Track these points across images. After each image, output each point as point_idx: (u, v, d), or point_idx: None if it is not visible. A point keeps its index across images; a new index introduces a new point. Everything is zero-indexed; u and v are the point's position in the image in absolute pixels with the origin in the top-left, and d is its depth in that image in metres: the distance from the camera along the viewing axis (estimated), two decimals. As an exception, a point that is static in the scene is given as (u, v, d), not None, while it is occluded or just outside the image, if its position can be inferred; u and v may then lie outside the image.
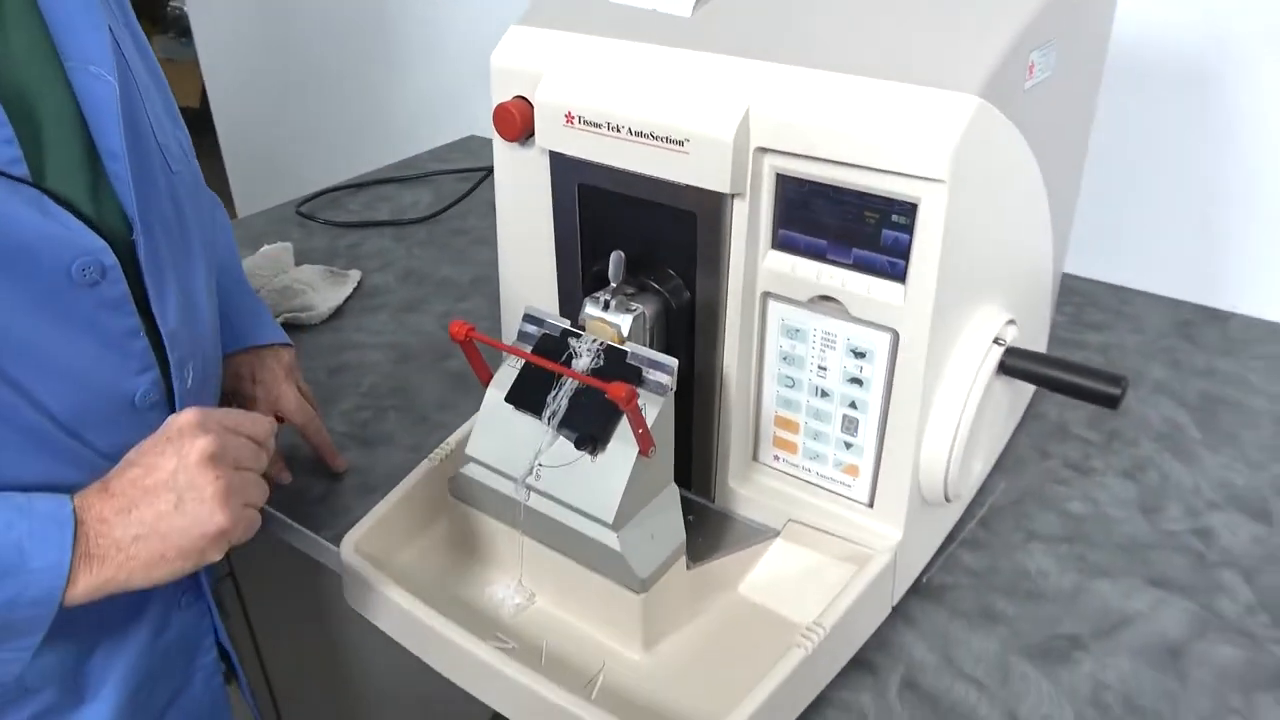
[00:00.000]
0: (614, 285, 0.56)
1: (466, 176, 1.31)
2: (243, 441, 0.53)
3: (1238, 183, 0.91)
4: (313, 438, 0.73)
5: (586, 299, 0.56)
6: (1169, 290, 0.98)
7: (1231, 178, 0.91)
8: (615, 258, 0.55)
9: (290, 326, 0.94)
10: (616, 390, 0.49)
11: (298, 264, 1.03)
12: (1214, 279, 0.96)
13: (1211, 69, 0.89)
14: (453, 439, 0.66)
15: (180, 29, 3.28)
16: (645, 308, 0.56)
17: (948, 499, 0.57)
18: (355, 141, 1.73)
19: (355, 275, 1.02)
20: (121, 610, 0.60)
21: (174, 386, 0.57)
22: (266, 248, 1.02)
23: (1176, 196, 0.95)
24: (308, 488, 0.73)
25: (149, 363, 0.56)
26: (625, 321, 0.55)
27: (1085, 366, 0.55)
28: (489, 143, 1.45)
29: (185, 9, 1.93)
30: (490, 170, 1.23)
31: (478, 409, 0.69)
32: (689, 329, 0.58)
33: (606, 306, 0.56)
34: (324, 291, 0.97)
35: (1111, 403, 0.54)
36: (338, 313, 0.96)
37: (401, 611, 0.56)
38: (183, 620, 0.65)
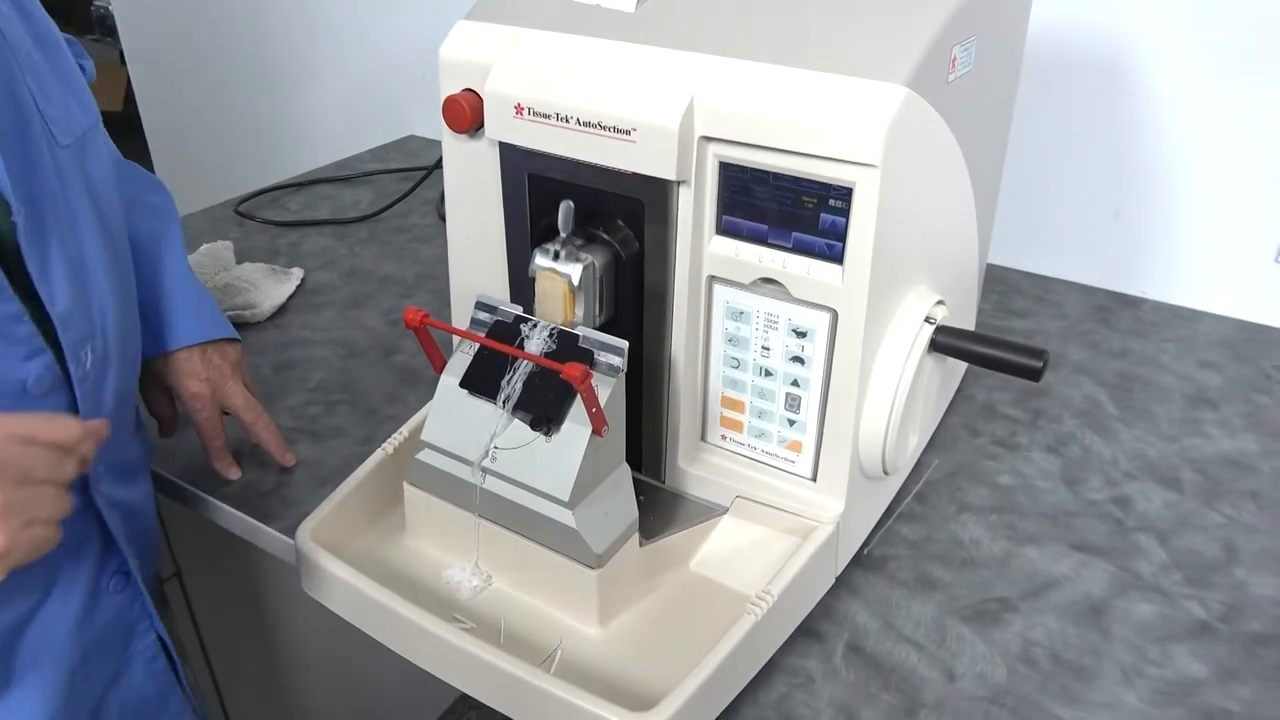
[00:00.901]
0: (563, 236, 0.57)
1: (407, 176, 1.31)
2: (37, 451, 0.48)
3: (1145, 176, 0.97)
4: (261, 434, 0.73)
5: (536, 250, 0.57)
6: (1085, 278, 1.03)
7: (1139, 172, 0.97)
8: (565, 207, 0.56)
9: (234, 324, 0.93)
10: (571, 370, 0.50)
11: (238, 262, 1.02)
12: (1126, 267, 1.01)
13: (1119, 66, 0.94)
14: (406, 428, 0.67)
15: (105, 28, 3.19)
16: (594, 258, 0.57)
17: (886, 472, 0.60)
18: (286, 142, 1.71)
19: (298, 273, 1.01)
20: (40, 596, 0.59)
21: (70, 370, 0.56)
22: (206, 246, 1.01)
23: (1090, 190, 1.00)
24: (258, 481, 0.73)
25: (39, 347, 0.54)
26: (575, 271, 0.56)
27: (1009, 341, 0.59)
28: (428, 143, 1.46)
29: (110, 8, 1.88)
30: (430, 169, 1.24)
31: (427, 401, 0.70)
32: (638, 282, 0.59)
33: (556, 257, 0.57)
34: (267, 289, 0.96)
35: (1034, 375, 0.58)
36: (281, 310, 0.96)
37: (360, 596, 0.57)
38: (114, 604, 0.64)
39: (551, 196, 0.60)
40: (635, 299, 0.60)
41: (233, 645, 0.99)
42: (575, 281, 0.56)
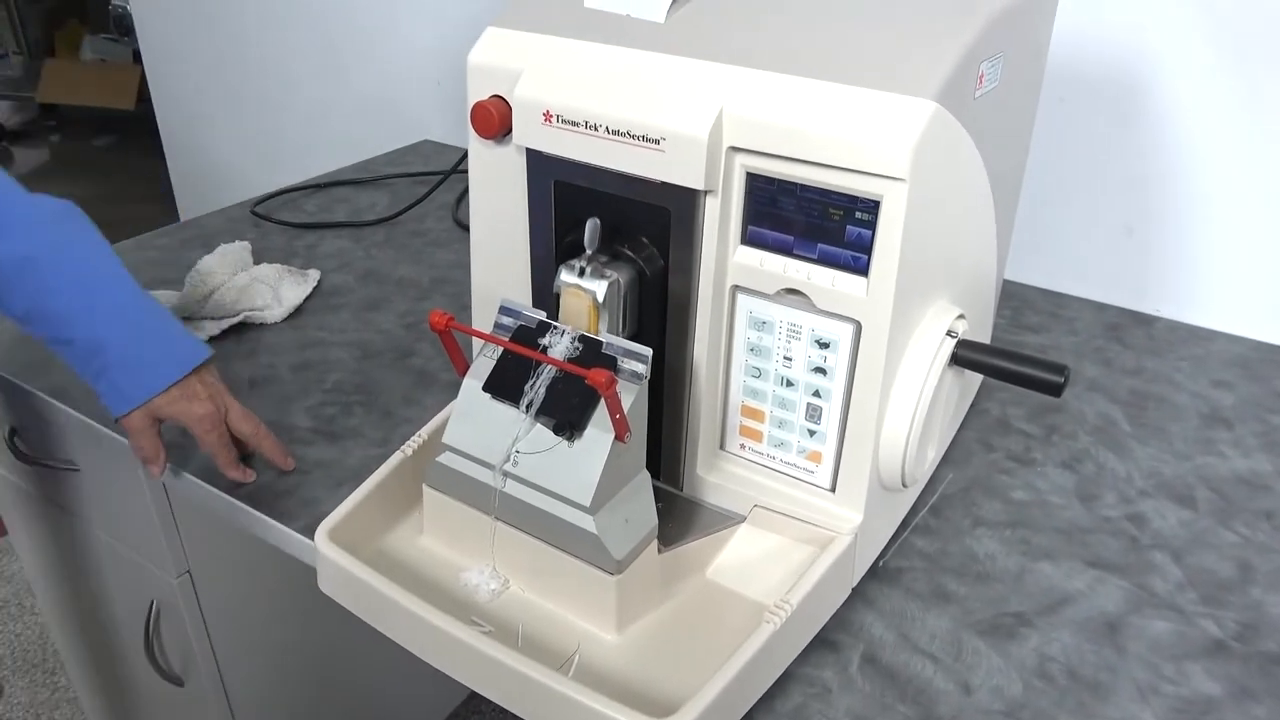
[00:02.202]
0: (589, 253, 0.57)
1: (422, 180, 1.31)
2: None
3: (1158, 194, 0.97)
4: (263, 443, 0.72)
5: (561, 266, 0.58)
6: (1099, 295, 1.04)
7: (1152, 189, 0.98)
8: (591, 224, 0.56)
9: (251, 325, 0.94)
10: (597, 376, 0.51)
11: (255, 263, 1.02)
12: (1139, 285, 1.02)
13: (1133, 85, 0.95)
14: (425, 430, 0.68)
15: (123, 28, 3.20)
16: (619, 275, 0.58)
17: (904, 484, 0.61)
18: (301, 145, 1.72)
19: (315, 274, 1.02)
20: None
21: None
22: (224, 246, 1.01)
23: (1103, 207, 1.01)
24: (274, 482, 0.73)
25: None
26: (600, 287, 0.57)
27: (1031, 356, 0.59)
28: (443, 147, 1.46)
29: (128, 8, 1.89)
30: (446, 174, 1.24)
31: (443, 404, 0.71)
32: (662, 298, 0.60)
33: (582, 273, 0.57)
34: (284, 290, 0.97)
35: (1055, 390, 0.58)
36: (298, 311, 0.97)
37: (379, 597, 0.57)
38: None
39: (577, 203, 0.61)
40: (659, 313, 0.60)
41: (240, 644, 0.99)
42: (600, 298, 0.57)
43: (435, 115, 1.50)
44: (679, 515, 0.64)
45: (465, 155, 1.23)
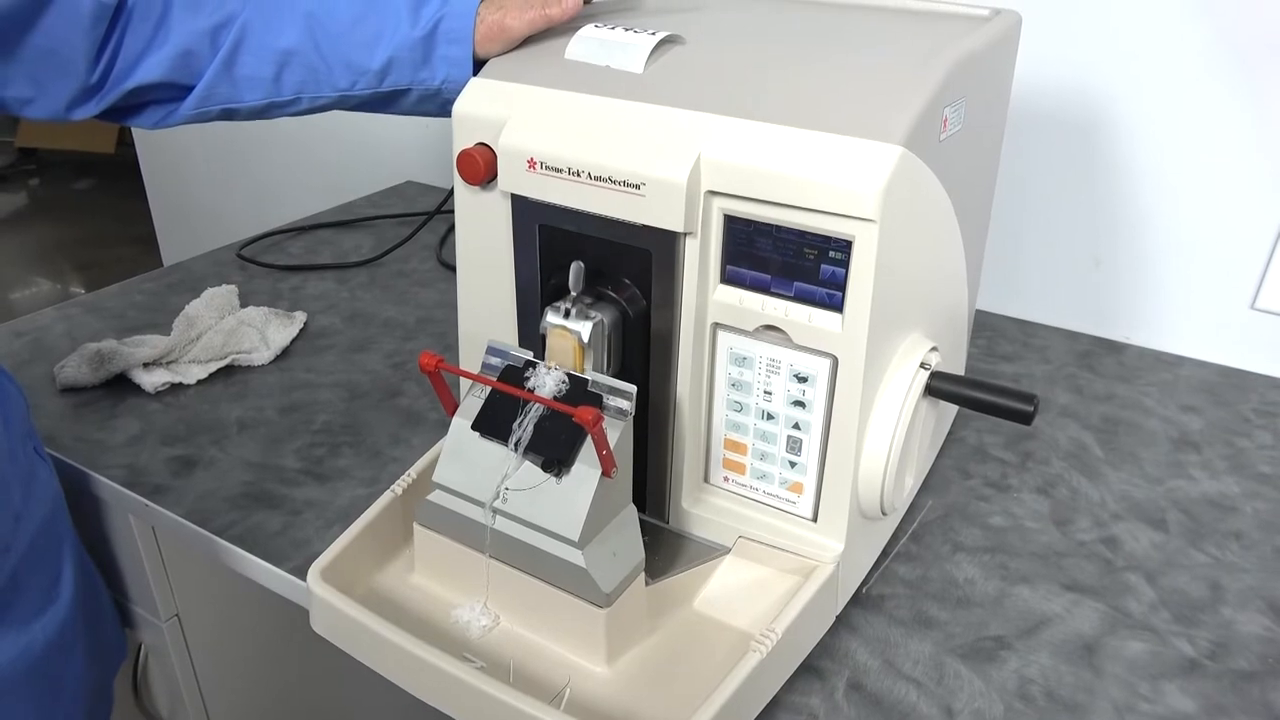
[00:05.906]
0: (574, 294, 0.59)
1: (406, 221, 1.33)
2: None
3: (1124, 226, 1.01)
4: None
5: (547, 308, 0.60)
6: (1069, 324, 1.07)
7: (1119, 221, 1.01)
8: (575, 267, 0.58)
9: (238, 367, 0.95)
10: (584, 414, 0.52)
11: (242, 306, 1.04)
12: (1108, 313, 1.05)
13: (1096, 122, 0.98)
14: (414, 469, 0.69)
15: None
16: (603, 315, 0.60)
17: (884, 512, 0.62)
18: (285, 188, 1.74)
19: (301, 316, 1.03)
20: None
21: None
22: (210, 290, 1.02)
23: (1071, 239, 1.04)
24: (265, 522, 0.74)
25: None
26: (585, 328, 0.59)
27: (1001, 386, 0.61)
28: (425, 188, 1.48)
29: (110, 55, 1.91)
30: (429, 215, 1.26)
31: (431, 443, 0.72)
32: (644, 337, 0.62)
33: (567, 314, 0.59)
34: (271, 332, 0.98)
35: (1025, 419, 0.60)
36: (285, 353, 0.98)
37: (373, 636, 0.58)
38: None
39: (561, 245, 0.63)
40: (642, 350, 0.62)
41: (228, 688, 0.98)
42: (585, 338, 0.59)
43: (417, 157, 1.52)
44: (665, 548, 0.65)
45: (448, 197, 1.25)
